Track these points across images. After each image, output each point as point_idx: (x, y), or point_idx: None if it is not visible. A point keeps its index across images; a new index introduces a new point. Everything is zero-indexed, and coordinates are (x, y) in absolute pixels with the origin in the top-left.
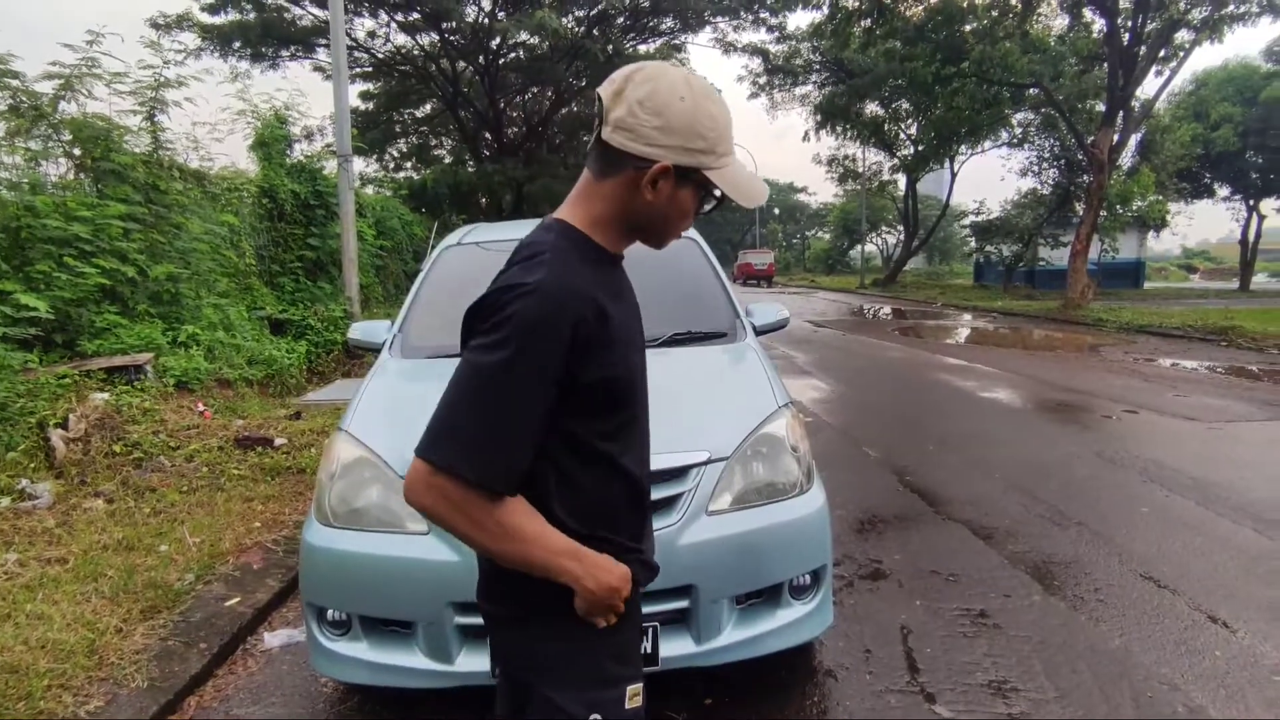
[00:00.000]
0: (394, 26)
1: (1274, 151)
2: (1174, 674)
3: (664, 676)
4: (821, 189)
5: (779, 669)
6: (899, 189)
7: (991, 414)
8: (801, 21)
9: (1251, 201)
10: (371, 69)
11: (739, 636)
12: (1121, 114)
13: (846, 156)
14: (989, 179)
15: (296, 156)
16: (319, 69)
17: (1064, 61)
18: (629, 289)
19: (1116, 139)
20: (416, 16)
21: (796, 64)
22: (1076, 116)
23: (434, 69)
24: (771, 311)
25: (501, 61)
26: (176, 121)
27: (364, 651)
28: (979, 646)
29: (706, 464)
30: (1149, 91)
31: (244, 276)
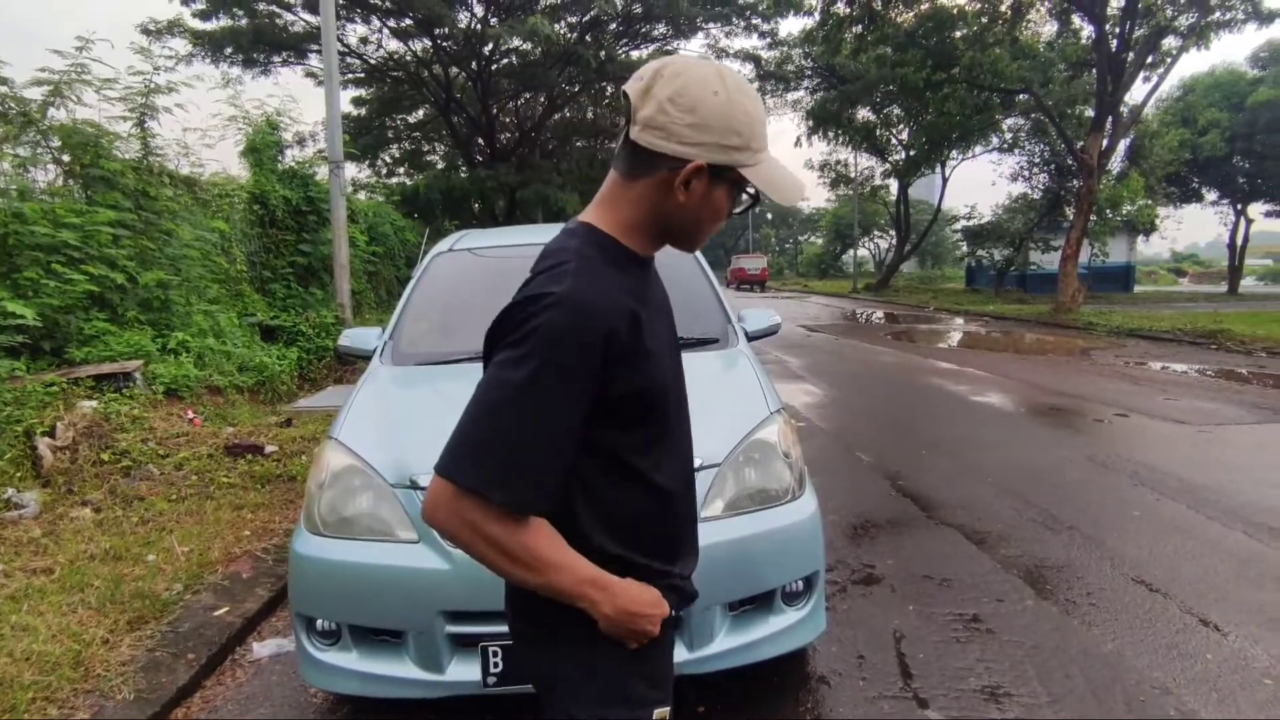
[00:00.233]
0: (386, 32)
1: (1260, 156)
2: (1166, 678)
3: None
4: (814, 194)
5: (772, 675)
6: (891, 194)
7: (984, 418)
8: (793, 28)
9: (1239, 206)
10: (364, 75)
11: (732, 643)
12: (1110, 119)
13: (839, 162)
14: (980, 184)
15: (288, 162)
16: (311, 75)
17: (1053, 68)
18: (660, 289)
19: (1105, 144)
20: (409, 23)
21: (788, 70)
22: (1066, 122)
23: (426, 75)
24: (763, 317)
25: (494, 67)
26: (167, 128)
27: (354, 661)
28: (972, 651)
29: (699, 470)
30: (1137, 97)
31: (235, 283)
